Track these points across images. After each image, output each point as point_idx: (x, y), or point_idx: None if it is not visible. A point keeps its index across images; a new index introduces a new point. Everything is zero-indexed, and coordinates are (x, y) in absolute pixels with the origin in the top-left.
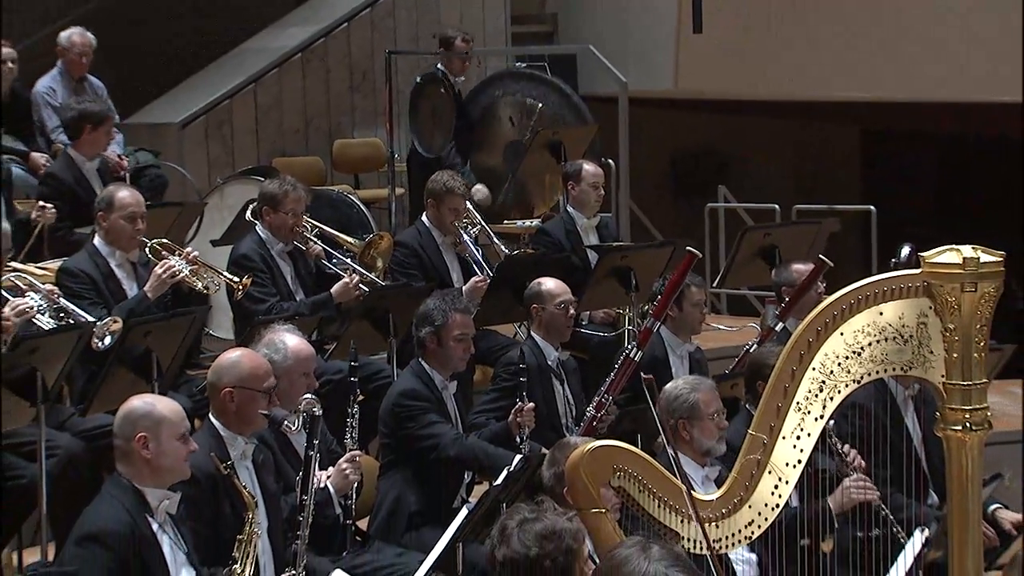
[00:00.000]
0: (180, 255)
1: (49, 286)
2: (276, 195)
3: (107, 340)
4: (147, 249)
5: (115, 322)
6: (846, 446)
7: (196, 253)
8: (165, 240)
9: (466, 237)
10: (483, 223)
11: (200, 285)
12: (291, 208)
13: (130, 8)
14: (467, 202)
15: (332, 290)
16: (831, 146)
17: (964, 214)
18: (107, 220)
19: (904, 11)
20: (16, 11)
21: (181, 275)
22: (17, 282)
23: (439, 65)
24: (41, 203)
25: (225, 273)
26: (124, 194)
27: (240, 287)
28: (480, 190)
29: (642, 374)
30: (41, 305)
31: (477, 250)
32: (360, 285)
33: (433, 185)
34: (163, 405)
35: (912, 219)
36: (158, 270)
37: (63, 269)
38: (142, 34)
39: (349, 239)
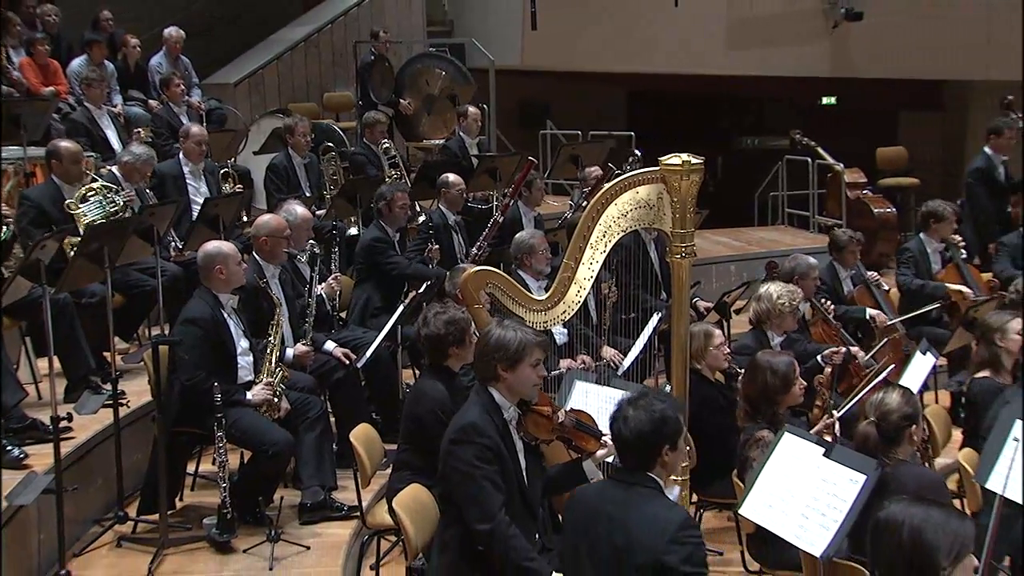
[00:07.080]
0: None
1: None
2: (291, 126)
3: None
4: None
5: None
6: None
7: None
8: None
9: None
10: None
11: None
12: (301, 133)
13: (206, 16)
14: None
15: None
16: (609, 98)
17: (684, 137)
18: (185, 144)
19: (653, 12)
20: (140, 13)
21: None
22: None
23: (372, 48)
24: (137, 130)
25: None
26: (196, 129)
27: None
28: None
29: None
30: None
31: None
32: None
33: (366, 119)
34: (227, 247)
35: (654, 140)
36: None
37: (155, 173)
38: (213, 31)
39: None
